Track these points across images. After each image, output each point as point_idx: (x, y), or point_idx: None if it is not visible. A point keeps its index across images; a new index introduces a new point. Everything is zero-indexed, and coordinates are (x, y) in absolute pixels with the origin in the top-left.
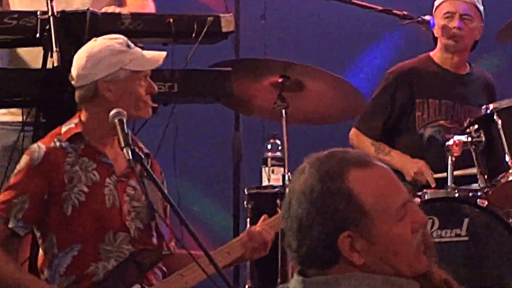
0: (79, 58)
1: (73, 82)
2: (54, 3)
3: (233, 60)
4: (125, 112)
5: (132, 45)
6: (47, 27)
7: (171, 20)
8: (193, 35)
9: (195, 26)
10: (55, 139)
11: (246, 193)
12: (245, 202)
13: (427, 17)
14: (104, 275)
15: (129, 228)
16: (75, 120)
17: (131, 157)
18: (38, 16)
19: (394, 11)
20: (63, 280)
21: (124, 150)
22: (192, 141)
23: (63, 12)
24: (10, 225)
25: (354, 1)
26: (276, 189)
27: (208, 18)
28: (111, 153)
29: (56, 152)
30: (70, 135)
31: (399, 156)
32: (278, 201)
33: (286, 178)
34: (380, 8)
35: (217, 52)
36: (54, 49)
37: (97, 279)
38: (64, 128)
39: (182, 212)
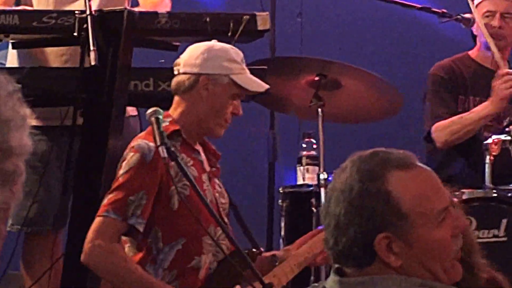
0: (196, 47)
1: (177, 68)
2: (92, 2)
3: (269, 58)
4: (162, 112)
5: (244, 62)
6: (85, 26)
7: (208, 18)
8: (229, 33)
9: (231, 24)
10: None
11: (280, 192)
12: (279, 201)
13: (466, 15)
14: (207, 275)
15: (227, 223)
16: (168, 118)
17: (166, 155)
18: (76, 15)
19: (433, 9)
20: (166, 274)
21: (160, 148)
22: (227, 139)
23: (100, 11)
24: (130, 222)
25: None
26: (311, 188)
27: (244, 16)
28: (200, 149)
29: None
30: (168, 132)
31: (480, 108)
32: (312, 200)
33: (321, 177)
34: (418, 6)
35: (253, 51)
36: (92, 48)
37: (201, 277)
38: None
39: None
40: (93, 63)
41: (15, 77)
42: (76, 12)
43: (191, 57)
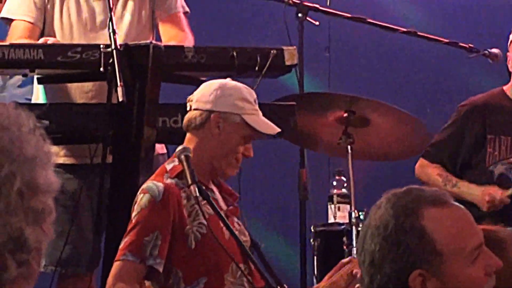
0: (210, 84)
1: (189, 103)
2: (117, 36)
3: (297, 94)
4: (191, 149)
5: (257, 102)
6: (111, 60)
7: (234, 53)
8: (256, 68)
9: (258, 59)
10: (165, 176)
11: (312, 230)
12: (311, 240)
13: (494, 50)
14: None
15: (248, 260)
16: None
17: (197, 194)
18: (101, 50)
19: (461, 44)
20: None
21: (191, 187)
22: (257, 177)
23: (126, 45)
24: (148, 263)
25: (420, 34)
26: (343, 227)
27: (271, 51)
28: (214, 188)
29: (172, 188)
30: (178, 171)
31: (467, 187)
32: (344, 238)
33: (353, 215)
34: (446, 40)
35: (281, 86)
36: (119, 83)
37: None
38: (168, 166)
39: (250, 249)
40: (120, 99)
41: (41, 114)
42: (102, 46)
43: (204, 93)
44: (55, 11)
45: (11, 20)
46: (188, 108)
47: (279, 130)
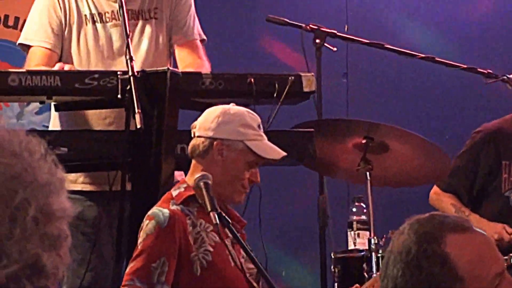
0: (212, 110)
1: (193, 130)
2: (134, 63)
3: (315, 120)
4: (210, 176)
5: (261, 127)
6: (128, 87)
7: (252, 79)
8: (274, 95)
9: (276, 85)
10: (170, 203)
11: (332, 257)
12: (331, 266)
13: None
14: None
15: None
16: (183, 184)
17: (218, 221)
18: (119, 76)
19: (479, 70)
20: None
21: (211, 214)
22: (277, 204)
23: (143, 71)
24: None
25: (438, 59)
26: (362, 253)
27: (289, 78)
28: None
29: (178, 214)
30: (184, 198)
31: (478, 222)
32: (364, 265)
33: (372, 242)
34: (464, 66)
35: (299, 112)
36: (136, 110)
37: None
38: (174, 192)
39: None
40: (138, 126)
41: (60, 140)
42: (119, 73)
43: (207, 120)
44: (72, 37)
45: (28, 46)
46: (192, 135)
47: (284, 154)
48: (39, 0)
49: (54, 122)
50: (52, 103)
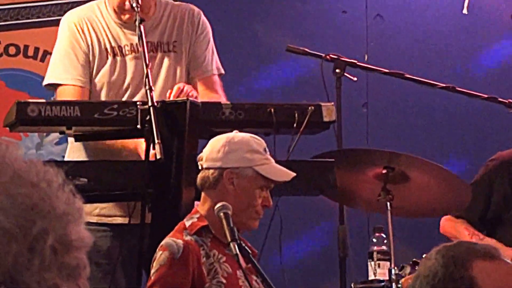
0: (217, 141)
1: (200, 163)
2: (153, 93)
3: (335, 150)
4: (230, 206)
5: (267, 151)
6: (148, 117)
7: (272, 109)
8: (294, 125)
9: (296, 115)
10: (184, 233)
11: (353, 287)
12: None
13: None
14: None
15: None
16: (196, 214)
17: (237, 251)
18: (138, 107)
19: (500, 99)
20: None
21: (231, 244)
22: (297, 233)
23: (163, 102)
24: None
25: (459, 89)
26: (383, 284)
27: (309, 107)
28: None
29: (192, 245)
30: (197, 228)
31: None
32: None
33: (393, 272)
34: (485, 96)
35: (320, 142)
36: (156, 141)
37: None
38: (187, 223)
39: None
40: (158, 156)
41: (80, 171)
42: (138, 103)
43: (213, 151)
44: (94, 70)
45: (56, 85)
46: (200, 167)
47: (293, 174)
48: (62, 36)
49: (70, 153)
50: (73, 133)
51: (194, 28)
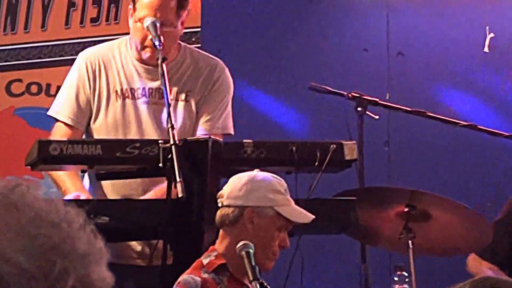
0: (239, 178)
1: (220, 200)
2: (175, 132)
3: (357, 188)
4: (252, 245)
5: (288, 191)
6: (169, 156)
7: (294, 147)
8: (316, 163)
9: (318, 153)
10: (202, 271)
11: None
12: None
13: None
14: None
15: None
16: (213, 252)
17: None
18: (160, 145)
19: None
20: None
21: (253, 283)
22: (319, 272)
23: (185, 140)
24: None
25: (480, 127)
26: None
27: (331, 146)
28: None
29: (210, 282)
30: (215, 266)
31: None
32: None
33: None
34: (506, 134)
35: (341, 180)
36: (178, 179)
37: None
38: (205, 260)
39: None
40: (180, 195)
41: (101, 209)
42: (160, 142)
43: (234, 188)
44: (101, 112)
45: (56, 119)
46: (219, 205)
47: (312, 217)
48: (71, 73)
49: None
50: (94, 172)
51: (210, 83)
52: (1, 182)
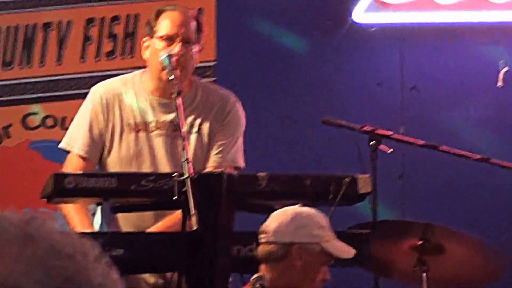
0: (284, 213)
1: (263, 236)
2: (190, 165)
3: (371, 222)
4: (266, 277)
5: (330, 225)
6: (184, 189)
7: (308, 181)
8: (330, 196)
9: (332, 187)
10: None
11: None
12: None
13: None
14: None
15: None
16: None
17: None
18: (175, 178)
19: None
20: None
21: None
22: None
23: (199, 173)
24: None
25: (494, 161)
26: None
27: (345, 179)
28: None
29: None
30: None
31: None
32: None
33: None
34: None
35: (355, 214)
36: (192, 212)
37: None
38: None
39: None
40: (194, 227)
41: (116, 242)
42: (175, 175)
43: (281, 225)
44: (114, 145)
45: (68, 151)
46: (263, 240)
47: (354, 251)
48: (85, 105)
49: (100, 224)
50: (109, 205)
51: (222, 116)
52: (18, 214)
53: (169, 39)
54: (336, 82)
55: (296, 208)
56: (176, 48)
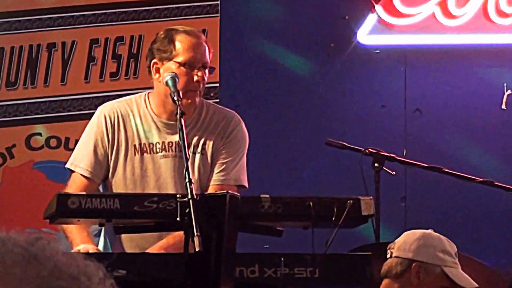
0: (413, 233)
1: (391, 250)
2: (193, 186)
3: (373, 244)
4: None
5: (457, 256)
6: (187, 210)
7: (311, 202)
8: (333, 218)
9: (335, 209)
10: None
11: None
12: None
13: None
14: None
15: None
16: None
17: None
18: (178, 199)
19: None
20: None
21: None
22: None
23: (202, 195)
24: None
25: (497, 184)
26: None
27: (348, 201)
28: None
29: None
30: None
31: None
32: None
33: None
34: None
35: (357, 236)
36: (195, 233)
37: None
38: None
39: None
40: (197, 249)
41: (119, 263)
42: (178, 196)
43: (406, 242)
44: (119, 166)
45: (72, 170)
46: (388, 255)
47: (476, 285)
48: (89, 126)
49: (103, 244)
50: (112, 226)
51: (225, 135)
52: (22, 235)
53: (191, 66)
54: (340, 104)
55: (427, 231)
56: (199, 74)
